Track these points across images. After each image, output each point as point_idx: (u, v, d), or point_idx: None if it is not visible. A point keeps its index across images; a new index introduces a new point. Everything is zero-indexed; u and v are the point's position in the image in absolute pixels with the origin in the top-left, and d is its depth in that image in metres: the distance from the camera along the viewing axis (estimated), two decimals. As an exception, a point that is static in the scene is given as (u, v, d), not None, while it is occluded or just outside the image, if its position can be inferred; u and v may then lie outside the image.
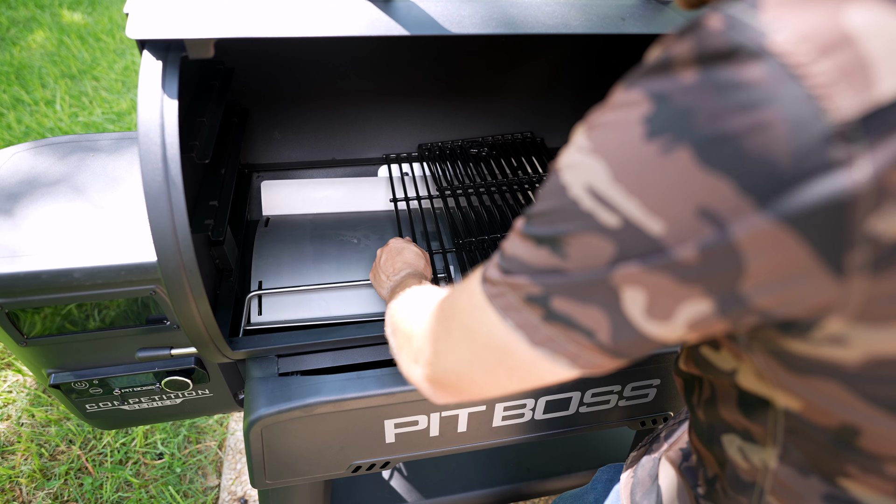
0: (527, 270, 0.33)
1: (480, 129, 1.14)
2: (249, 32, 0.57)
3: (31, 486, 1.33)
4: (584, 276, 0.31)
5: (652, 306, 0.30)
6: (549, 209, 0.32)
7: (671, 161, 0.27)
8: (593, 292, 0.31)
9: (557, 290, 0.32)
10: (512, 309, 0.34)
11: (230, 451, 1.43)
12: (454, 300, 0.40)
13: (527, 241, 0.33)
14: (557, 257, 0.31)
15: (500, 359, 0.36)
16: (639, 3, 0.70)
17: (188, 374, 0.79)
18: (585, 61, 1.11)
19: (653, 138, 0.27)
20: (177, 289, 0.59)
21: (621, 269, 0.29)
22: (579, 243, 0.30)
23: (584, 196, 0.30)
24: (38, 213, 0.72)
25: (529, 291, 0.33)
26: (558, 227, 0.31)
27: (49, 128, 2.44)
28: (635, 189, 0.28)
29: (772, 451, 0.38)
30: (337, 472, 0.81)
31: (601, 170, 0.29)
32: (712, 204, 0.26)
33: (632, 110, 0.29)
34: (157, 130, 0.55)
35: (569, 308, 0.32)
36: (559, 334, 0.33)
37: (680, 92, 0.27)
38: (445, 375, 0.40)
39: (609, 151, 0.29)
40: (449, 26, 0.62)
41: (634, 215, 0.28)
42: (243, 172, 1.04)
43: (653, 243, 0.28)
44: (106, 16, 3.43)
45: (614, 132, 0.29)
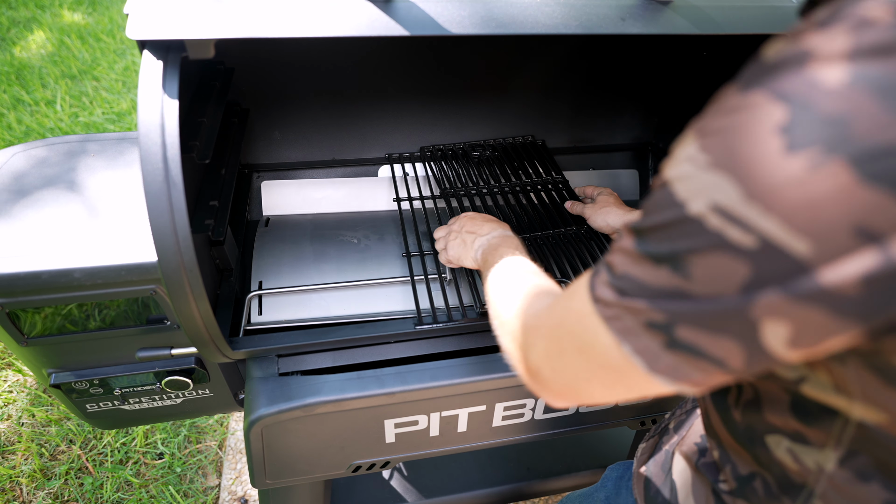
0: (646, 293, 0.30)
1: (481, 130, 1.14)
2: (249, 32, 0.57)
3: (31, 485, 1.33)
4: (713, 304, 0.28)
5: (797, 339, 0.26)
6: (665, 224, 0.29)
7: (823, 177, 0.23)
8: (727, 323, 0.28)
9: (683, 318, 0.29)
10: (630, 333, 0.31)
11: (230, 450, 1.43)
12: (563, 316, 0.38)
13: (642, 260, 0.31)
14: (680, 277, 0.28)
15: (618, 378, 0.34)
16: (639, 4, 0.70)
17: (188, 374, 0.79)
18: (586, 62, 1.11)
19: (796, 151, 0.24)
20: (177, 289, 0.59)
21: (760, 297, 0.26)
22: (706, 263, 0.27)
23: (709, 214, 0.27)
24: (38, 214, 0.72)
25: (650, 317, 0.30)
26: (679, 245, 0.28)
27: (49, 128, 2.44)
28: (776, 207, 0.25)
29: (831, 454, 0.36)
30: (337, 472, 0.81)
31: (729, 187, 0.26)
32: (875, 222, 0.23)
33: (759, 117, 0.25)
34: (157, 131, 0.55)
35: (696, 338, 0.29)
36: (683, 363, 0.30)
37: (826, 96, 0.23)
38: (564, 389, 0.39)
39: (737, 167, 0.26)
40: (449, 26, 0.62)
41: (774, 234, 0.25)
42: (243, 172, 1.04)
43: (797, 265, 0.25)
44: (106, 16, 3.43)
45: (740, 144, 0.26)
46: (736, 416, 0.43)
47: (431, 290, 0.83)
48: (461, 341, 0.80)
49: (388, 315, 0.79)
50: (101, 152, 0.84)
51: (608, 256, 0.35)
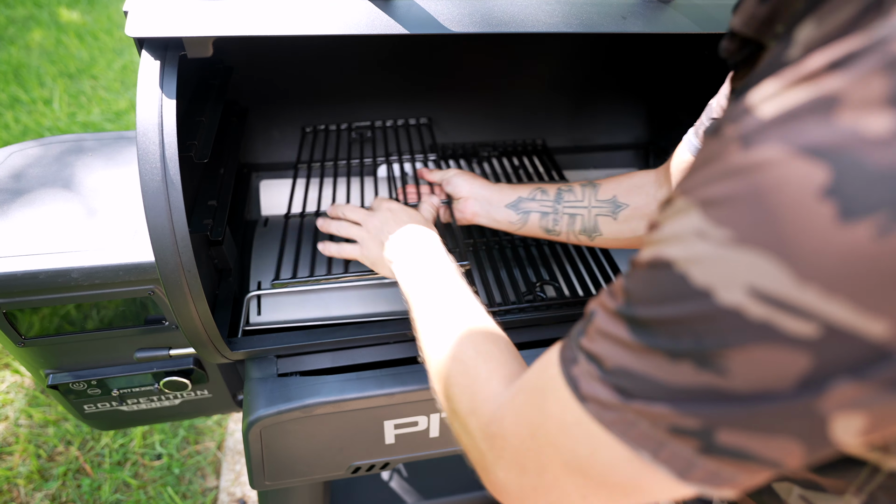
0: (664, 395, 0.25)
1: (481, 129, 1.14)
2: (249, 31, 0.56)
3: (28, 487, 1.32)
4: (765, 402, 0.23)
5: (873, 427, 0.23)
6: (683, 318, 0.24)
7: (891, 245, 0.20)
8: (786, 422, 0.23)
9: (725, 421, 0.24)
10: (650, 440, 0.26)
11: (229, 451, 1.42)
12: (537, 424, 0.31)
13: (650, 354, 0.25)
14: (711, 374, 0.24)
15: (629, 493, 0.28)
16: (640, 2, 0.70)
17: (187, 375, 0.79)
18: (587, 61, 1.11)
19: (854, 219, 0.20)
20: (175, 289, 0.59)
21: (829, 390, 0.22)
22: (749, 358, 0.23)
23: (748, 303, 0.22)
24: (35, 213, 0.72)
25: (678, 423, 0.25)
26: (708, 341, 0.24)
27: (47, 127, 2.44)
28: (839, 287, 0.21)
29: (853, 500, 0.32)
30: (336, 474, 0.80)
31: (771, 268, 0.22)
32: None
33: (790, 179, 0.21)
34: (155, 130, 0.54)
35: (744, 441, 0.24)
36: (726, 467, 0.25)
37: (876, 148, 0.20)
38: None
39: (777, 243, 0.22)
40: (449, 25, 0.62)
41: (842, 319, 0.21)
42: (242, 172, 1.03)
43: (874, 351, 0.21)
44: (104, 14, 3.43)
45: (773, 213, 0.22)
46: None
47: (431, 290, 0.83)
48: (461, 342, 0.79)
49: (388, 315, 0.79)
50: (98, 151, 0.83)
51: (584, 341, 0.29)
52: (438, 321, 0.47)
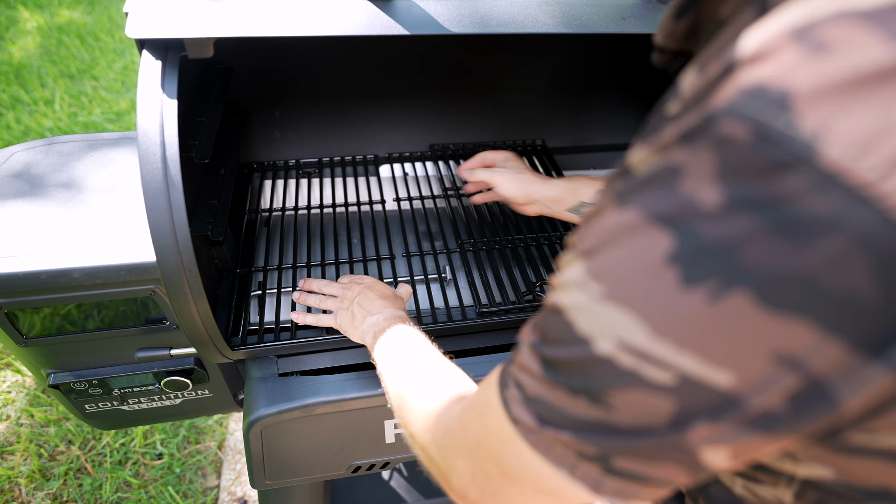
0: (568, 423, 0.28)
1: (481, 129, 1.14)
2: (249, 32, 0.57)
3: (30, 486, 1.32)
4: (644, 437, 0.26)
5: (738, 455, 0.26)
6: (572, 361, 0.27)
7: (726, 310, 0.22)
8: (663, 452, 0.26)
9: (616, 451, 0.27)
10: (565, 461, 0.29)
11: (230, 451, 1.42)
12: (480, 437, 0.34)
13: (555, 388, 0.28)
14: (601, 410, 0.27)
15: (561, 498, 0.31)
16: (640, 3, 0.70)
17: (188, 375, 0.79)
18: (586, 61, 1.11)
19: (692, 285, 0.23)
20: (176, 289, 0.59)
21: (691, 429, 0.25)
22: (626, 398, 0.26)
23: (617, 353, 0.25)
24: (36, 213, 0.72)
25: (581, 449, 0.28)
26: (593, 382, 0.26)
27: (48, 127, 2.44)
28: (687, 344, 0.23)
29: (785, 490, 0.34)
30: (337, 473, 0.80)
31: (633, 325, 0.24)
32: (790, 350, 0.22)
33: (645, 245, 0.24)
34: (156, 130, 0.54)
35: (635, 467, 0.27)
36: (628, 485, 0.29)
37: (705, 220, 0.22)
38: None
39: (635, 300, 0.24)
40: (449, 25, 0.62)
41: (692, 370, 0.24)
42: (243, 172, 1.04)
43: (723, 398, 0.24)
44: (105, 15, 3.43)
45: (633, 275, 0.24)
46: None
47: (431, 290, 0.83)
48: (461, 341, 0.79)
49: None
50: (99, 152, 0.83)
51: (513, 369, 0.32)
52: (402, 366, 0.52)
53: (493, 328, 0.80)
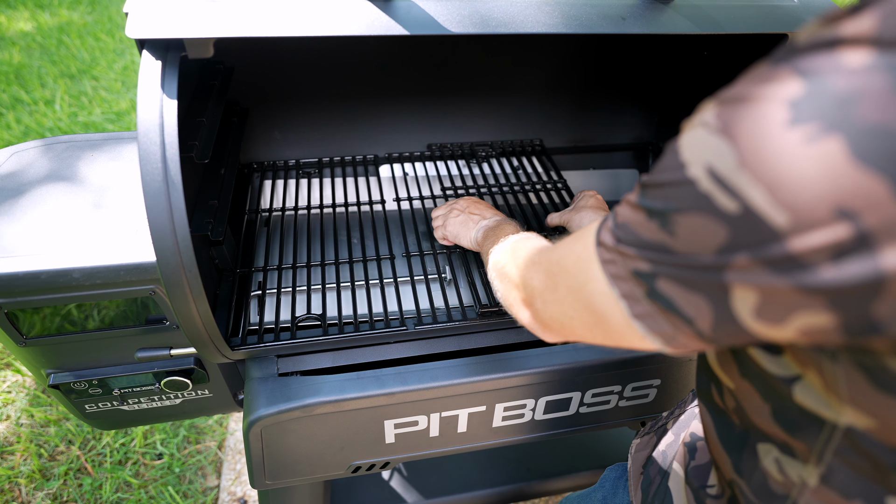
0: (636, 242, 0.32)
1: (481, 129, 1.14)
2: (249, 32, 0.57)
3: (30, 486, 1.32)
4: (691, 261, 0.29)
5: (763, 309, 0.27)
6: (663, 182, 0.31)
7: (816, 152, 0.24)
8: (701, 282, 0.29)
9: (665, 270, 0.31)
10: (619, 278, 0.34)
11: (230, 451, 1.42)
12: (564, 255, 0.40)
13: (638, 212, 0.32)
14: (665, 233, 0.30)
15: (598, 321, 0.37)
16: (640, 3, 0.70)
17: (188, 375, 0.79)
18: (586, 61, 1.11)
19: (797, 125, 0.24)
20: (176, 289, 0.59)
21: (733, 261, 0.27)
22: (690, 223, 0.29)
23: (703, 177, 0.28)
24: (37, 213, 0.72)
25: (637, 266, 0.32)
26: (671, 203, 0.30)
27: (48, 127, 2.44)
28: (764, 177, 0.25)
29: (813, 470, 0.36)
30: (337, 473, 0.80)
31: (727, 151, 0.27)
32: (856, 204, 0.23)
33: (776, 89, 0.25)
34: (156, 130, 0.54)
35: (673, 292, 0.31)
36: (658, 314, 0.32)
37: (845, 74, 0.23)
38: (551, 321, 0.42)
39: (740, 133, 0.26)
40: (449, 26, 0.62)
41: (757, 203, 0.25)
42: (243, 172, 1.04)
43: (771, 233, 0.25)
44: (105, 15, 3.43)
45: (750, 112, 0.26)
46: (733, 419, 0.43)
47: (431, 290, 0.83)
48: (461, 341, 0.79)
49: (388, 315, 0.79)
50: (99, 152, 0.83)
51: (618, 205, 0.36)
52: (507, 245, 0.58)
53: (493, 328, 0.80)
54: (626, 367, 0.78)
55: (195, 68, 0.79)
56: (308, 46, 0.96)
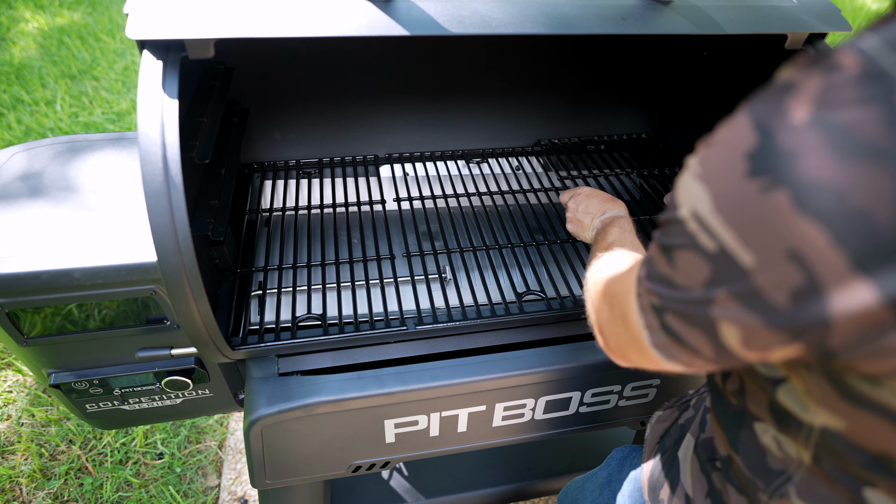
0: (653, 276, 0.36)
1: (482, 129, 1.14)
2: (249, 32, 0.57)
3: (31, 485, 1.33)
4: (686, 295, 0.33)
5: (747, 341, 0.31)
6: (667, 221, 0.35)
7: (769, 202, 0.27)
8: (696, 318, 0.33)
9: (669, 305, 0.35)
10: (644, 310, 0.38)
11: (230, 450, 1.43)
12: (619, 289, 0.45)
13: (657, 248, 0.37)
14: (669, 266, 0.34)
15: (641, 349, 0.41)
16: (639, 4, 0.70)
17: (188, 374, 0.79)
18: (587, 61, 1.11)
19: (754, 177, 0.28)
20: (177, 289, 0.59)
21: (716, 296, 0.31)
22: (684, 258, 0.33)
23: (689, 218, 0.32)
24: (38, 213, 0.72)
25: (653, 301, 0.37)
26: (672, 239, 0.34)
27: (49, 128, 2.44)
28: (732, 221, 0.29)
29: (806, 452, 0.39)
30: (337, 472, 0.81)
31: (705, 198, 0.31)
32: (803, 250, 0.26)
33: (738, 140, 0.29)
34: (157, 130, 0.55)
35: (678, 326, 0.35)
36: (671, 345, 0.36)
37: (787, 131, 0.27)
38: (616, 348, 0.47)
39: (714, 182, 0.31)
40: (449, 26, 0.62)
41: (729, 244, 0.30)
42: (243, 172, 1.04)
43: (741, 272, 0.29)
44: (106, 16, 3.43)
45: (720, 163, 0.30)
46: (732, 400, 0.47)
47: (432, 290, 0.83)
48: (461, 341, 0.80)
49: (388, 315, 0.79)
50: (100, 152, 0.84)
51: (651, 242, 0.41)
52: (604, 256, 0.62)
53: (493, 328, 0.80)
54: (626, 368, 0.78)
55: (196, 69, 0.80)
56: (308, 46, 0.96)
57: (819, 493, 0.39)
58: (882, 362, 0.27)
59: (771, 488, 0.43)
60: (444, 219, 0.99)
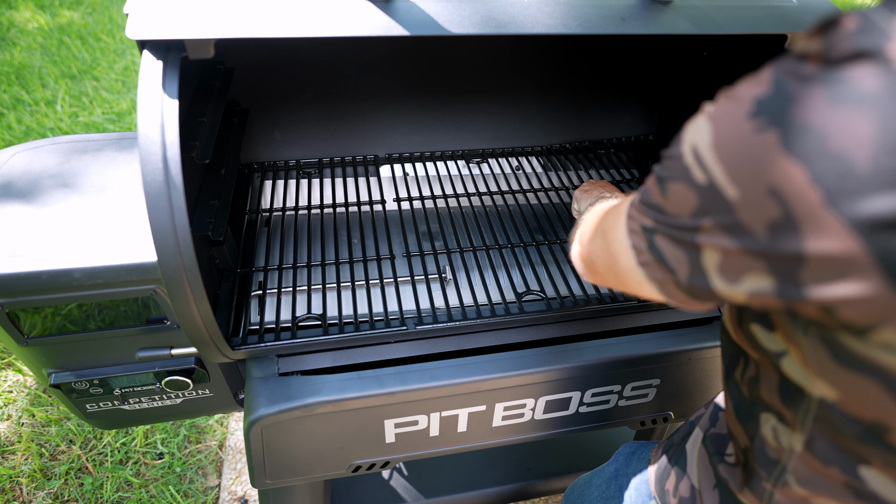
0: (648, 202, 0.39)
1: (482, 129, 1.14)
2: (249, 32, 0.57)
3: (31, 485, 1.33)
4: (676, 221, 0.36)
5: (723, 266, 0.33)
6: (667, 155, 0.38)
7: (759, 140, 0.29)
8: (682, 240, 0.36)
9: (660, 227, 0.38)
10: (633, 231, 0.42)
11: (230, 450, 1.43)
12: (611, 208, 0.49)
13: (653, 178, 0.39)
14: (661, 196, 0.37)
15: (612, 262, 0.46)
16: (639, 4, 0.70)
17: (188, 374, 0.79)
18: (587, 61, 1.11)
19: (754, 118, 0.30)
20: (177, 289, 0.59)
21: (702, 224, 0.34)
22: (676, 189, 0.35)
23: (688, 152, 0.34)
24: (38, 213, 0.72)
25: (644, 222, 0.40)
26: (668, 172, 0.37)
27: (49, 128, 2.44)
28: (724, 156, 0.31)
29: (798, 437, 0.41)
30: (337, 472, 0.81)
31: (707, 133, 0.33)
32: (783, 187, 0.28)
33: (755, 88, 0.31)
34: (157, 130, 0.55)
35: (664, 245, 0.38)
36: (653, 263, 0.40)
37: (795, 80, 0.29)
38: (586, 258, 0.53)
39: (719, 120, 0.33)
40: (449, 26, 0.62)
41: (718, 178, 0.32)
42: (243, 172, 1.04)
43: (726, 205, 0.32)
44: (106, 16, 3.43)
45: (731, 104, 0.32)
46: (744, 391, 0.48)
47: (432, 290, 0.83)
48: (461, 341, 0.80)
49: (388, 315, 0.79)
50: (100, 152, 0.84)
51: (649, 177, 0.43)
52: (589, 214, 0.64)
53: (493, 328, 0.80)
54: (626, 367, 0.78)
55: (195, 69, 0.80)
56: (308, 46, 0.96)
57: (812, 481, 0.41)
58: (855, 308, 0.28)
59: (773, 478, 0.45)
60: (444, 219, 0.99)
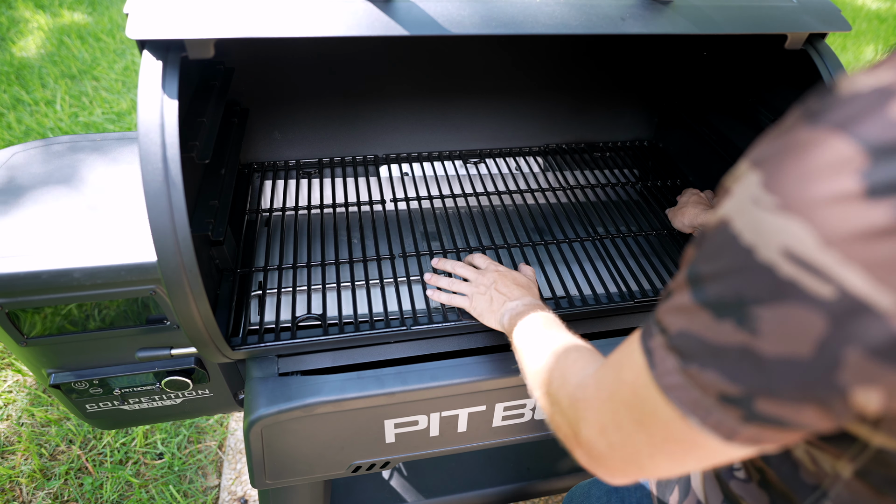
0: (712, 358, 0.28)
1: (481, 129, 1.14)
2: (249, 32, 0.57)
3: (31, 486, 1.33)
4: (787, 366, 0.25)
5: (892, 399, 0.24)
6: (728, 270, 0.27)
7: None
8: (810, 391, 0.25)
9: (760, 389, 0.26)
10: (699, 407, 0.29)
11: (230, 450, 1.43)
12: (615, 388, 0.35)
13: (701, 313, 0.28)
14: (746, 332, 0.26)
15: (689, 450, 0.31)
16: (639, 3, 0.70)
17: (188, 374, 0.79)
18: (587, 61, 1.11)
19: (877, 198, 0.22)
20: (177, 289, 0.59)
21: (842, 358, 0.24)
22: (777, 316, 0.25)
23: (780, 260, 0.25)
24: (38, 213, 0.72)
25: (724, 391, 0.28)
26: (745, 294, 0.26)
27: (49, 128, 2.44)
28: (857, 256, 0.23)
29: (847, 466, 0.34)
30: (337, 472, 0.81)
31: (802, 232, 0.24)
32: None
33: (833, 158, 0.23)
34: (157, 130, 0.55)
35: (777, 410, 0.27)
36: (765, 432, 0.28)
37: None
38: (625, 465, 0.36)
39: (810, 210, 0.24)
40: (449, 26, 0.62)
41: (855, 286, 0.23)
42: (243, 172, 1.04)
43: (883, 323, 0.22)
44: (106, 16, 3.43)
45: (812, 185, 0.24)
46: None
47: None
48: (461, 341, 0.80)
49: (388, 315, 0.79)
50: (100, 152, 0.84)
51: (659, 313, 0.32)
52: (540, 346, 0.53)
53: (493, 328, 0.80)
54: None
55: (195, 68, 0.80)
56: (308, 46, 0.96)
57: None
58: None
59: (808, 502, 0.38)
60: (443, 219, 0.98)
